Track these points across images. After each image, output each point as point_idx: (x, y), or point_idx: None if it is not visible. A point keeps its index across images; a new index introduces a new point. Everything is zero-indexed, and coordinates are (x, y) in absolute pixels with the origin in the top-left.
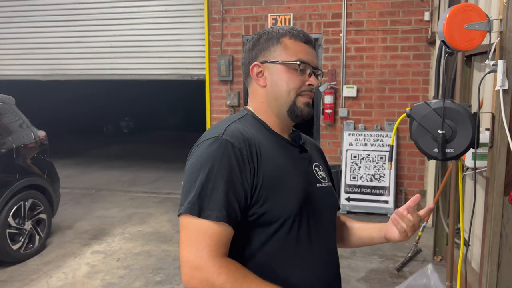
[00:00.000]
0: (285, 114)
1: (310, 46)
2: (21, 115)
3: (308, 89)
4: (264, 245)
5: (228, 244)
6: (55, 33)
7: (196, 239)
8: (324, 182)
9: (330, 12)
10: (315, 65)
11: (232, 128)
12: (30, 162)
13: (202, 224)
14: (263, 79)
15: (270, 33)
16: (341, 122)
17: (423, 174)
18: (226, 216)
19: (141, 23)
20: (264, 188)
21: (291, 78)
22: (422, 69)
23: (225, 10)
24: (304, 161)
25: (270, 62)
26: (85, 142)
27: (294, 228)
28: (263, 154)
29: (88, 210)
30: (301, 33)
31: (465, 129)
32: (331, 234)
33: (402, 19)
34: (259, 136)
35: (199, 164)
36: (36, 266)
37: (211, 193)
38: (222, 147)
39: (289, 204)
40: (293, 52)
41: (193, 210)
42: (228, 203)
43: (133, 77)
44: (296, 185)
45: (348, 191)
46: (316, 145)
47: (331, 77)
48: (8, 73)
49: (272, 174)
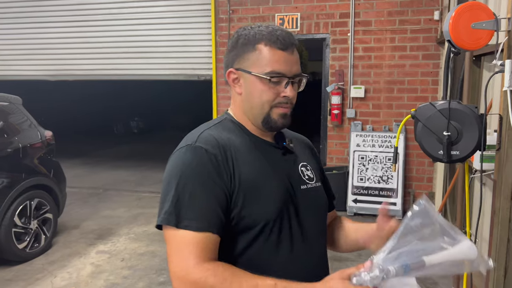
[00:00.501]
0: (260, 124)
1: (289, 52)
2: (28, 115)
3: (283, 101)
4: (246, 250)
5: (215, 249)
6: (63, 34)
7: (180, 250)
8: (310, 183)
9: (338, 12)
10: (292, 73)
11: (205, 135)
12: (37, 162)
13: (185, 234)
14: (239, 86)
15: (247, 37)
16: (349, 123)
17: (432, 176)
18: (207, 225)
19: (148, 23)
20: (240, 193)
21: (264, 91)
22: (431, 70)
23: (232, 10)
24: (287, 163)
25: (243, 71)
26: (95, 142)
27: (275, 232)
28: (239, 159)
29: (95, 209)
30: (279, 38)
31: (471, 130)
32: (318, 236)
33: (411, 19)
34: (236, 140)
35: (174, 172)
36: (41, 265)
37: (189, 202)
38: (197, 155)
39: (267, 209)
40: (267, 62)
41: (170, 220)
42: (209, 210)
43: (140, 77)
44: (275, 189)
45: (355, 192)
46: (306, 143)
47: (339, 78)
48: (17, 73)
49: (248, 178)
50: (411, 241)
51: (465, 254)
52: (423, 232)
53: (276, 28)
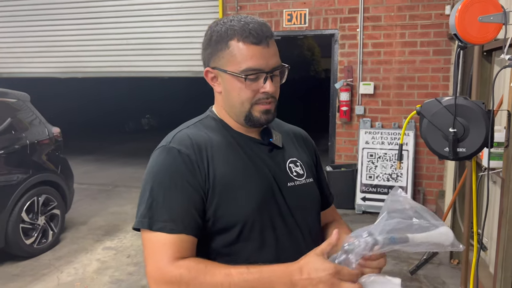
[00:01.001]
0: (243, 122)
1: (264, 46)
2: (36, 112)
3: (263, 97)
4: (226, 251)
5: (190, 250)
6: (73, 31)
7: (155, 252)
8: (299, 179)
9: (347, 7)
10: (270, 67)
11: (181, 135)
12: (45, 158)
13: (159, 237)
14: (218, 85)
15: (219, 33)
16: (358, 119)
17: (442, 174)
18: (181, 227)
19: (156, 20)
20: (215, 193)
21: (242, 89)
22: (442, 65)
23: (240, 7)
24: (273, 159)
25: (219, 70)
26: (106, 139)
27: (255, 232)
28: (216, 158)
29: (103, 206)
30: (251, 32)
31: (479, 127)
32: (308, 236)
33: (422, 14)
34: (216, 139)
35: (148, 175)
36: (48, 261)
37: (163, 204)
38: (170, 156)
39: (245, 208)
40: (241, 59)
41: (143, 223)
42: (183, 212)
43: (149, 74)
44: (255, 188)
45: (364, 190)
46: (300, 136)
47: (347, 74)
48: (28, 71)
49: (224, 178)
50: (397, 218)
51: (442, 238)
52: (407, 213)
53: (248, 21)
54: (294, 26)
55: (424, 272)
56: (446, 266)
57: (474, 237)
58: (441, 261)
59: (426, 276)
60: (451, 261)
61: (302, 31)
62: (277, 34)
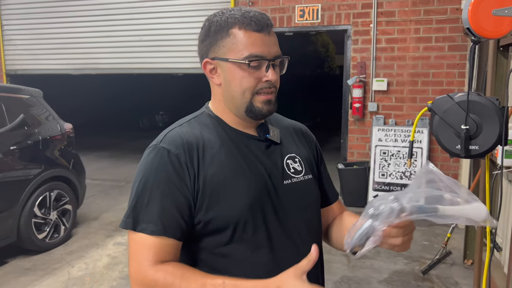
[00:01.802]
0: (244, 114)
1: (265, 33)
2: (49, 108)
3: (266, 86)
4: (218, 252)
5: (173, 253)
6: (86, 28)
7: (136, 252)
8: (297, 176)
9: (360, 3)
10: (272, 55)
11: (172, 134)
12: (57, 154)
13: (140, 237)
14: (217, 77)
15: (219, 23)
16: (370, 116)
17: (457, 173)
18: (163, 229)
19: (169, 16)
20: (205, 194)
21: (244, 77)
22: (457, 61)
23: (252, 2)
24: (269, 156)
25: (220, 59)
26: (121, 136)
27: (248, 232)
28: (207, 157)
29: (115, 202)
30: (253, 20)
31: (492, 124)
32: (306, 234)
33: (437, 8)
34: (209, 136)
35: (137, 175)
36: (59, 256)
37: (147, 205)
38: (158, 156)
39: (236, 209)
40: (243, 47)
41: (127, 223)
42: (166, 215)
43: (162, 71)
44: (246, 186)
45: (377, 188)
46: (300, 131)
47: (360, 70)
48: (42, 67)
49: (214, 178)
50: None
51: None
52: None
53: (248, 10)
54: (307, 22)
55: (437, 272)
56: (460, 266)
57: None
58: (455, 261)
59: (438, 276)
60: (465, 261)
61: (315, 26)
62: (289, 30)
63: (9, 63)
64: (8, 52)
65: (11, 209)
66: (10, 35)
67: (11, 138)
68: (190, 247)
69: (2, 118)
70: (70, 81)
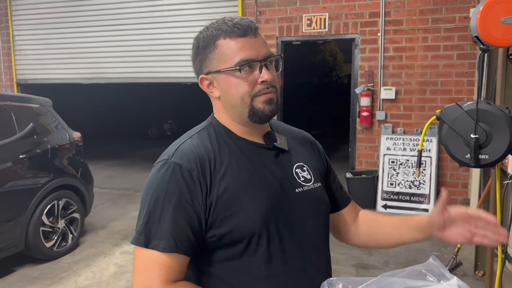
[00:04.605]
0: (248, 120)
1: (251, 37)
2: (57, 117)
3: (263, 87)
4: (230, 265)
5: (182, 270)
6: (96, 38)
7: (146, 269)
8: (307, 184)
9: (367, 11)
10: (262, 56)
11: (184, 148)
12: (66, 163)
13: (151, 254)
14: (215, 90)
15: (205, 38)
16: (379, 125)
17: (467, 182)
18: (174, 246)
19: (178, 26)
20: (219, 208)
21: (239, 83)
22: (466, 70)
23: (259, 12)
24: (279, 165)
25: (213, 72)
26: (130, 144)
27: (262, 244)
28: (219, 170)
29: (124, 210)
30: (236, 26)
31: (502, 133)
32: (318, 243)
33: (445, 17)
34: (219, 148)
35: (148, 190)
36: (67, 264)
37: (159, 222)
38: (170, 171)
39: (250, 222)
40: (232, 54)
41: (139, 240)
42: (178, 231)
43: (170, 80)
44: (259, 197)
45: (385, 198)
46: (306, 139)
47: (368, 79)
48: (52, 77)
49: (228, 191)
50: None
51: None
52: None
53: (231, 19)
54: (314, 31)
55: None
56: (470, 277)
57: (499, 248)
58: (465, 272)
59: None
60: (476, 272)
61: (322, 35)
62: (297, 39)
63: (20, 72)
64: (19, 62)
65: (20, 217)
66: (21, 45)
67: (21, 147)
68: (200, 259)
69: (12, 127)
70: (79, 91)
